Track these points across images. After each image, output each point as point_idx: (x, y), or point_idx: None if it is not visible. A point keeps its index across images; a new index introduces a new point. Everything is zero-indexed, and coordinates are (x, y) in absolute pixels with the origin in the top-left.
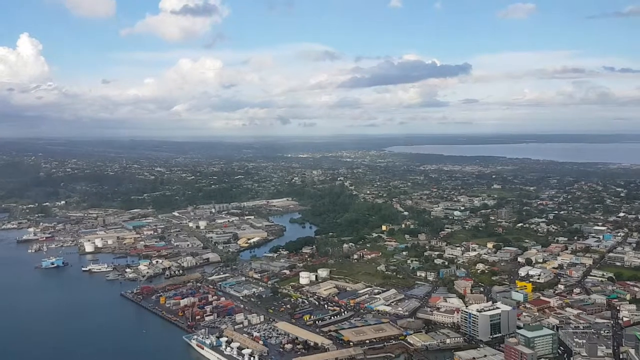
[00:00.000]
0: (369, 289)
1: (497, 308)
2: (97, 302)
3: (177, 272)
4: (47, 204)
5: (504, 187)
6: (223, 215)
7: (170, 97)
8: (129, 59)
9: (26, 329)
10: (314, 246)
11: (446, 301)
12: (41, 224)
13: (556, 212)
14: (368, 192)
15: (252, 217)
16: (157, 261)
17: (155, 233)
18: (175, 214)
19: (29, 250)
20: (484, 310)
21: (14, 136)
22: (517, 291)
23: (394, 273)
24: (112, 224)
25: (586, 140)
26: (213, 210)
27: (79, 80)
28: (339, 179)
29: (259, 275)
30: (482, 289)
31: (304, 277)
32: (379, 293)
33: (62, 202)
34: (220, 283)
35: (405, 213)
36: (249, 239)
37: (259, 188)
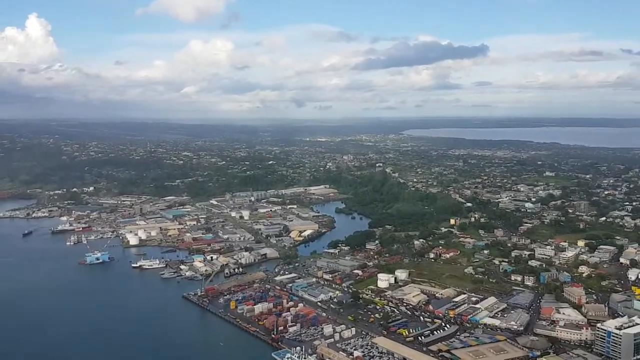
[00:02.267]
0: (463, 296)
1: (637, 324)
2: (158, 307)
3: (236, 270)
4: (74, 190)
5: (557, 174)
6: (264, 204)
7: (181, 79)
8: (142, 41)
9: (91, 340)
10: (377, 242)
11: (560, 312)
12: (74, 212)
13: (627, 203)
14: (415, 179)
15: (295, 206)
16: (211, 257)
17: (199, 224)
18: (213, 202)
19: (67, 243)
20: (624, 327)
21: (24, 117)
22: (639, 299)
23: (485, 276)
24: (150, 212)
25: (605, 124)
26: (252, 199)
27: (90, 62)
28: (377, 165)
29: (330, 276)
30: (594, 297)
31: (383, 280)
32: (477, 302)
33: (91, 188)
34: (290, 285)
35: (468, 204)
36: (301, 232)
37: (294, 174)
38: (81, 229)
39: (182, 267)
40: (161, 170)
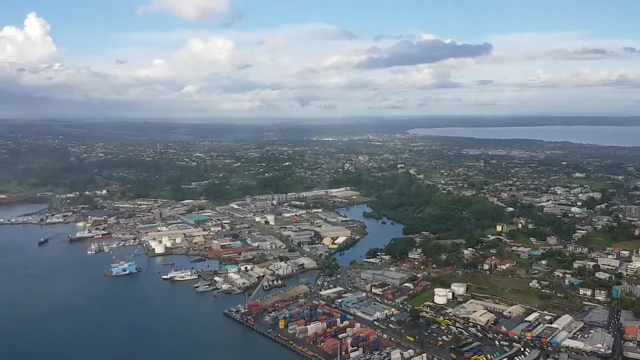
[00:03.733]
0: (535, 314)
1: None
2: (200, 326)
3: (274, 282)
4: (87, 193)
5: (587, 176)
6: (287, 208)
7: (182, 78)
8: (143, 40)
9: None
10: (420, 250)
11: None
12: (90, 217)
13: None
14: (443, 181)
15: (320, 210)
16: (245, 267)
17: (224, 230)
18: (234, 205)
19: (88, 252)
20: None
21: (24, 117)
22: None
23: (552, 291)
24: (170, 217)
25: (608, 122)
26: (274, 202)
27: (90, 61)
28: (399, 165)
29: (380, 290)
30: None
31: (441, 295)
32: (551, 320)
33: (104, 191)
34: (339, 301)
35: (510, 209)
36: (334, 239)
37: (312, 176)
38: (100, 235)
39: (216, 279)
40: (174, 172)
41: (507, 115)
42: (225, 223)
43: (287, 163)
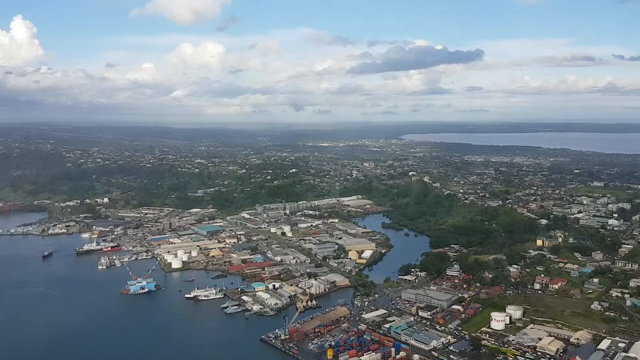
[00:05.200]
0: (606, 341)
1: None
2: (238, 355)
3: (309, 303)
4: (88, 201)
5: (606, 185)
6: (301, 218)
7: (171, 82)
8: (136, 43)
9: None
10: (458, 267)
11: None
12: (94, 227)
13: None
14: (462, 190)
15: (336, 220)
16: (274, 285)
17: (240, 242)
18: (245, 215)
19: (99, 267)
20: None
21: (11, 121)
22: None
23: (616, 313)
24: (179, 227)
25: (597, 129)
26: (287, 212)
27: (81, 64)
28: (411, 173)
29: (429, 313)
30: None
31: (498, 320)
32: (626, 349)
33: (105, 199)
34: (387, 326)
35: (543, 221)
36: (360, 253)
37: (322, 184)
38: (110, 248)
39: (244, 298)
40: (177, 179)
41: (498, 121)
42: (239, 234)
43: (292, 170)
